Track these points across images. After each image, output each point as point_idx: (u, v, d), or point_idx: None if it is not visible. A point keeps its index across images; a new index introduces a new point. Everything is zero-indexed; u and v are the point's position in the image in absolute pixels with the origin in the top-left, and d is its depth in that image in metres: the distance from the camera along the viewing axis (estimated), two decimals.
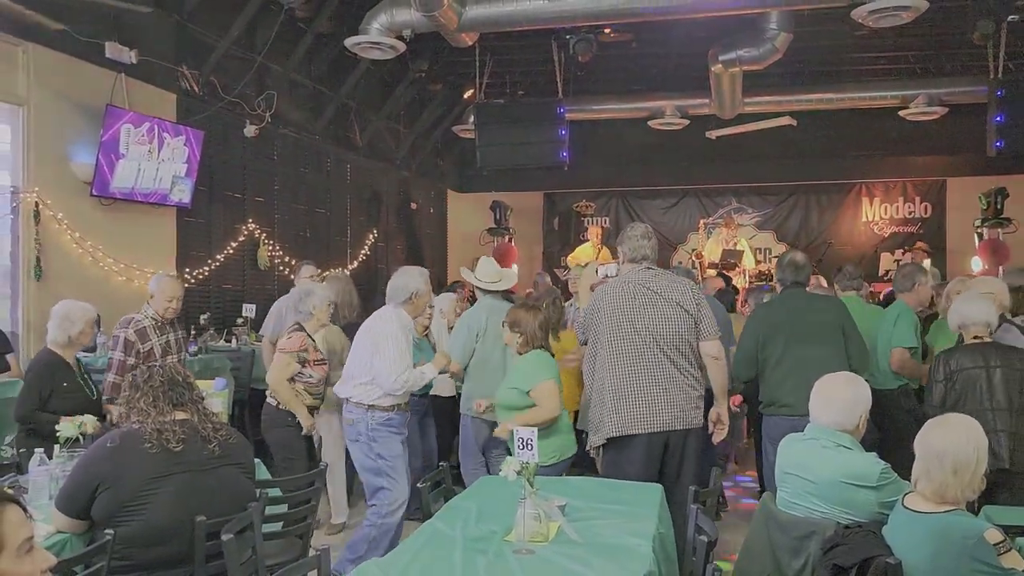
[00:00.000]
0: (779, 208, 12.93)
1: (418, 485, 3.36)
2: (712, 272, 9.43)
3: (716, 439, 4.07)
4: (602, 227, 12.56)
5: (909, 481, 2.64)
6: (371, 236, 10.67)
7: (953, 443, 2.51)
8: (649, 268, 3.96)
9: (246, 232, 8.10)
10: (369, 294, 8.29)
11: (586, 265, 6.41)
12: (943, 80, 9.68)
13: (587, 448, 4.03)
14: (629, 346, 3.81)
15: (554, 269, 12.68)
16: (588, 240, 12.02)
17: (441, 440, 5.59)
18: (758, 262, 11.43)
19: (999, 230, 10.36)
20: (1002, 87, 8.14)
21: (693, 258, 11.02)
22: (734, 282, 9.45)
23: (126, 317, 4.55)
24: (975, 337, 4.02)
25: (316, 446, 4.88)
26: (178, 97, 7.09)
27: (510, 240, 12.19)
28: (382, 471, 4.18)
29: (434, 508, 3.25)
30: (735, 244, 11.54)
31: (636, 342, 3.81)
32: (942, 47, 9.55)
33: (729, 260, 10.80)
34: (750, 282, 9.86)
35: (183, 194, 6.92)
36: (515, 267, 12.20)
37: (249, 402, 6.13)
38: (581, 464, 4.51)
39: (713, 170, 12.50)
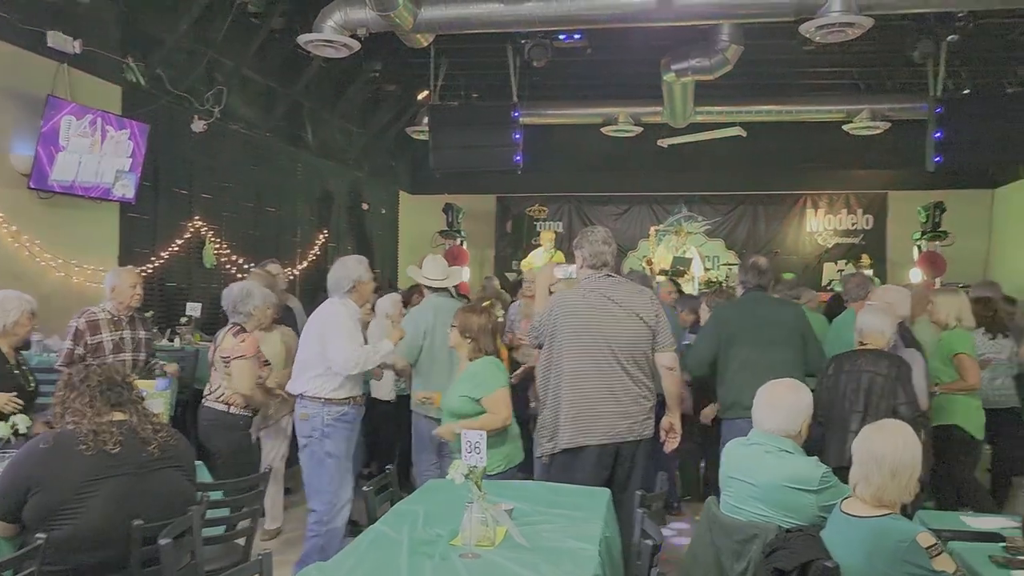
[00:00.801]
0: (728, 217, 13.16)
1: (363, 488, 3.32)
2: (663, 278, 9.54)
3: (668, 448, 4.05)
4: (555, 231, 12.67)
5: (848, 484, 2.70)
6: (321, 236, 10.54)
7: (891, 448, 2.57)
8: (609, 276, 3.93)
9: (192, 229, 7.93)
10: (318, 294, 8.16)
11: (542, 266, 6.41)
12: (886, 96, 9.98)
13: (537, 455, 4.01)
14: (586, 355, 3.78)
15: (505, 272, 12.71)
16: (541, 245, 12.09)
17: (384, 444, 5.54)
18: (707, 269, 11.62)
19: (937, 243, 10.72)
20: (941, 104, 8.41)
21: (644, 264, 11.15)
22: (682, 288, 9.59)
23: (83, 309, 4.56)
24: (861, 343, 4.17)
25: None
26: (123, 89, 6.91)
27: (462, 243, 12.17)
28: (328, 471, 4.10)
29: (379, 512, 3.22)
30: (685, 251, 11.72)
31: (593, 352, 3.77)
32: (885, 64, 9.84)
33: (679, 267, 10.95)
34: (699, 289, 10.01)
35: (126, 189, 6.74)
36: (466, 269, 12.22)
37: (192, 403, 5.99)
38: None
39: (664, 178, 12.67)
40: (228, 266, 8.35)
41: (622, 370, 3.78)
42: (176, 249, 7.67)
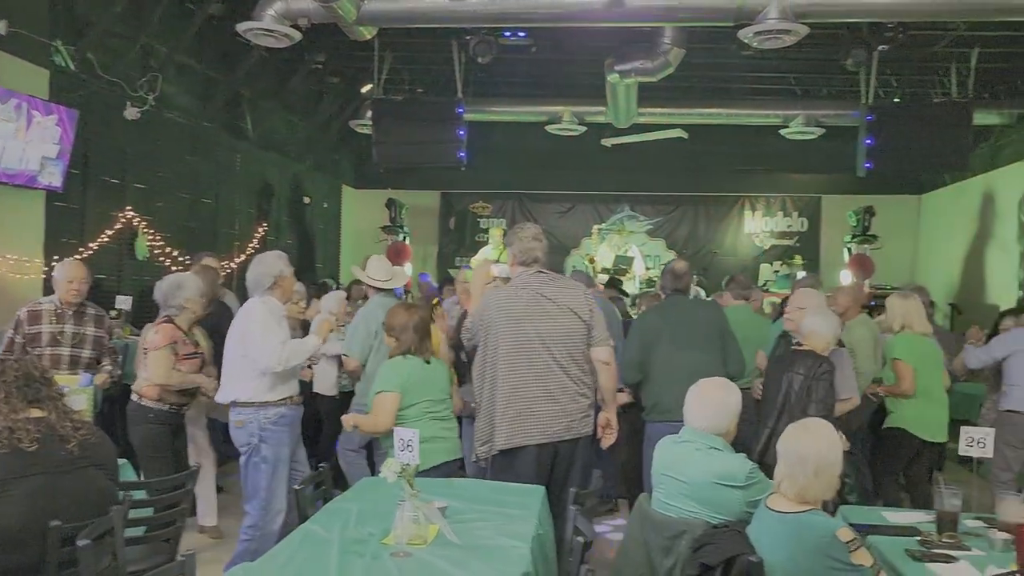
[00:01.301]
0: (670, 217, 13.36)
1: (295, 487, 3.28)
2: (604, 277, 9.64)
3: (605, 444, 4.05)
4: (502, 229, 12.69)
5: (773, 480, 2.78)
6: (261, 229, 10.35)
7: (815, 447, 2.65)
8: (541, 272, 3.90)
9: (124, 220, 7.69)
10: None
11: (479, 264, 6.39)
12: (820, 103, 10.25)
13: (473, 459, 3.98)
14: (521, 354, 3.75)
15: (448, 269, 12.68)
16: (488, 243, 12.10)
17: (327, 441, 5.48)
18: (648, 268, 11.78)
19: (866, 246, 11.07)
20: (872, 112, 8.68)
21: (587, 263, 11.25)
22: (624, 287, 9.71)
23: (33, 300, 4.59)
24: (798, 344, 4.30)
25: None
26: (51, 73, 6.65)
27: (405, 239, 12.09)
28: (263, 475, 3.99)
29: (312, 511, 3.18)
30: (627, 250, 11.86)
31: (528, 350, 3.75)
32: (821, 72, 10.10)
33: (620, 266, 11.09)
34: (640, 288, 10.15)
35: (53, 177, 6.51)
36: (409, 266, 12.14)
37: (121, 399, 5.82)
38: None
39: (607, 177, 12.79)
40: (162, 258, 8.13)
41: (558, 367, 3.76)
42: (106, 240, 7.43)
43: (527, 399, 3.73)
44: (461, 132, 9.35)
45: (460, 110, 9.34)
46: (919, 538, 2.98)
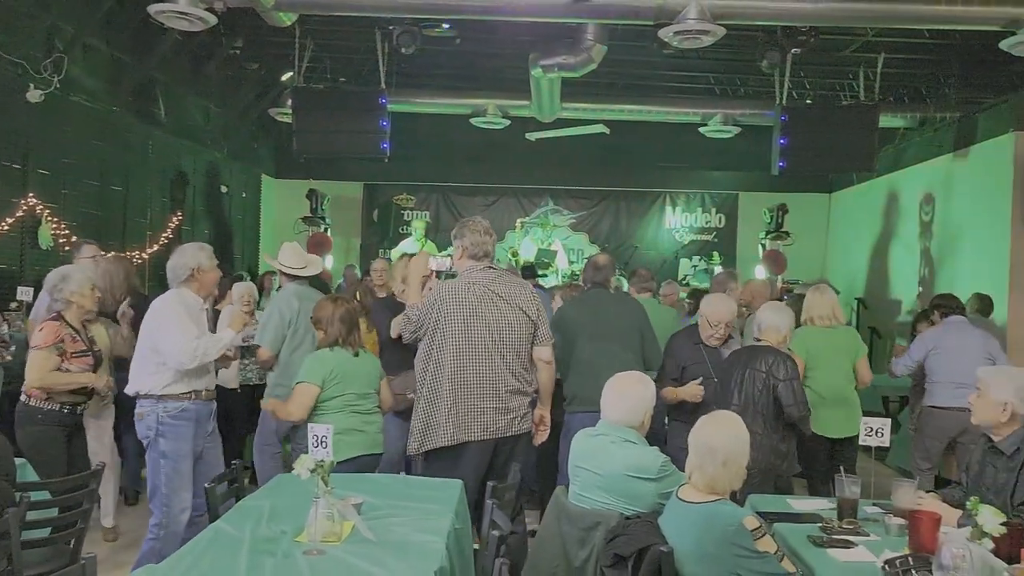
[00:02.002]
0: (592, 211, 13.52)
1: (205, 485, 3.20)
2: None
3: (538, 440, 4.07)
4: (425, 221, 12.62)
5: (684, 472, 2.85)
6: (175, 219, 10.01)
7: (724, 438, 2.73)
8: (491, 268, 3.91)
9: (26, 207, 7.32)
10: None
11: (411, 255, 6.32)
12: (737, 102, 10.52)
13: (408, 452, 3.92)
14: (470, 350, 3.74)
15: (371, 261, 12.52)
16: (411, 234, 12.01)
17: (232, 436, 5.35)
18: (571, 262, 11.91)
19: (779, 242, 11.44)
20: (786, 113, 8.96)
21: (511, 256, 11.29)
22: (547, 280, 9.81)
23: None
24: (757, 339, 4.43)
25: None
26: None
27: (326, 230, 11.90)
28: (164, 472, 3.86)
29: (223, 509, 3.11)
30: (550, 244, 11.97)
31: (478, 346, 3.75)
32: (738, 72, 10.38)
33: (543, 259, 11.18)
34: (563, 281, 10.25)
35: None
36: (331, 258, 11.96)
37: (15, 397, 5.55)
38: None
39: (531, 171, 12.86)
40: (68, 248, 7.78)
41: (504, 364, 3.78)
42: (7, 228, 7.06)
43: (474, 396, 3.74)
44: (384, 123, 9.23)
45: (383, 101, 9.22)
46: (821, 524, 3.11)
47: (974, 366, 5.10)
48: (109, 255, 7.36)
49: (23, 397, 4.07)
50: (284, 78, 10.51)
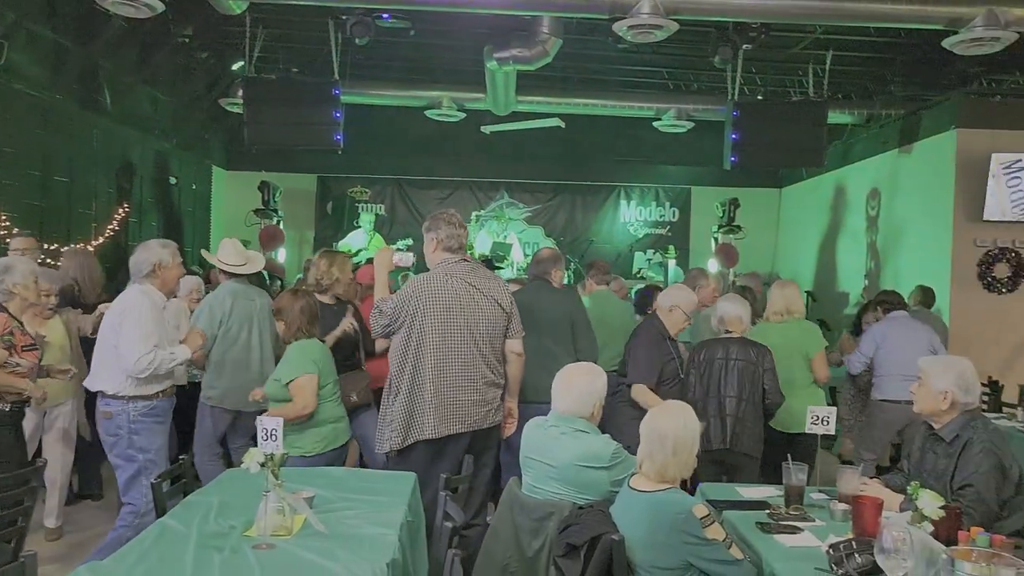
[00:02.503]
0: (548, 205, 13.54)
1: (151, 482, 3.14)
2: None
3: (506, 433, 4.07)
4: (376, 214, 12.52)
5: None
6: (122, 210, 9.76)
7: (674, 427, 2.77)
8: (464, 261, 3.91)
9: None
10: (116, 273, 7.58)
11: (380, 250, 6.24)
12: (691, 97, 10.62)
13: (384, 449, 3.82)
14: (450, 343, 3.74)
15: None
16: (360, 227, 11.89)
17: (180, 431, 5.25)
18: (527, 255, 11.92)
19: (731, 236, 11.62)
20: (737, 108, 9.08)
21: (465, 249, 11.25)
22: (501, 273, 9.80)
23: None
24: (726, 331, 4.50)
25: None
26: None
27: (279, 223, 11.73)
28: (143, 468, 3.86)
29: (170, 506, 3.05)
30: (505, 237, 11.97)
31: (457, 339, 3.76)
32: (690, 67, 10.48)
33: (499, 252, 11.17)
34: (518, 275, 10.26)
35: None
36: (284, 251, 11.81)
37: None
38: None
39: (487, 164, 12.84)
40: (8, 240, 7.54)
41: (480, 357, 3.80)
42: None
43: (455, 388, 3.75)
44: (338, 114, 9.12)
45: (336, 92, 9.11)
46: (768, 511, 3.18)
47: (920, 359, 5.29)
48: (78, 247, 7.20)
49: None
50: (235, 67, 10.31)
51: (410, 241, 11.98)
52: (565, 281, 9.37)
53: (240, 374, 4.64)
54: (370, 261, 7.19)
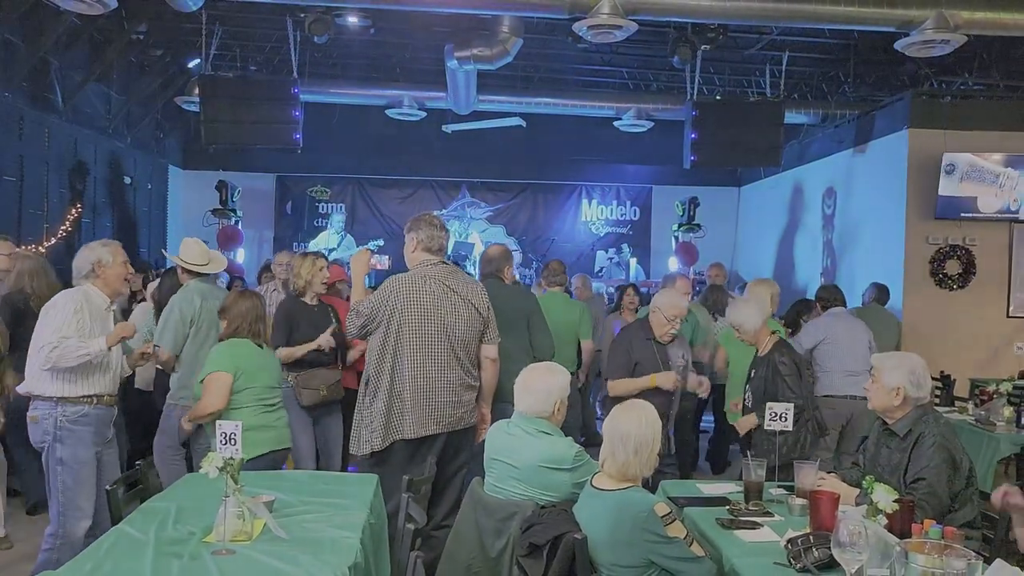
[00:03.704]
0: (510, 204, 13.55)
1: (107, 487, 3.07)
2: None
3: (479, 437, 4.02)
4: (342, 213, 12.44)
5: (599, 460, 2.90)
6: (74, 211, 9.54)
7: (635, 426, 2.78)
8: (444, 263, 3.91)
9: None
10: (68, 274, 7.36)
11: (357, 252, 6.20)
12: (650, 96, 10.71)
13: (363, 452, 3.77)
14: (427, 345, 3.75)
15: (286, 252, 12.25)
16: (328, 227, 11.79)
17: (143, 437, 5.17)
18: None
19: (691, 234, 11.75)
20: (696, 108, 9.18)
21: None
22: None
23: None
24: (772, 333, 4.52)
25: None
26: None
27: (237, 223, 11.57)
28: (61, 478, 3.67)
29: (127, 511, 2.99)
30: (467, 236, 11.96)
31: (434, 340, 3.76)
32: (650, 67, 10.58)
33: (461, 252, 11.17)
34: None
35: None
36: (243, 251, 11.65)
37: None
38: None
39: (448, 163, 12.82)
40: None
41: (455, 359, 3.80)
42: None
43: (433, 389, 3.75)
44: (297, 113, 9.03)
45: (296, 90, 9.02)
46: (728, 507, 3.21)
47: (862, 354, 5.41)
48: (30, 250, 6.98)
49: None
50: (191, 65, 10.15)
51: (381, 242, 11.93)
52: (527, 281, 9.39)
53: None
54: (336, 262, 7.15)
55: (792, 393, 4.17)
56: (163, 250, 4.97)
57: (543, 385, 3.17)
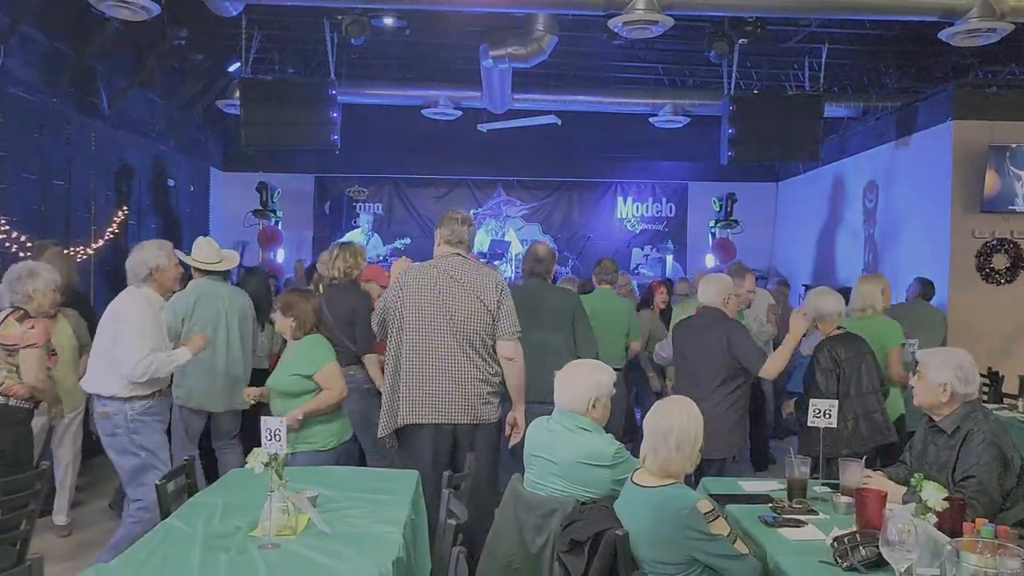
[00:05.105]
0: (545, 202, 13.54)
1: (156, 483, 3.14)
2: None
3: (512, 442, 4.02)
4: (374, 214, 12.53)
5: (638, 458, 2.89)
6: (121, 213, 9.75)
7: (677, 422, 2.77)
8: (459, 255, 3.93)
9: None
10: (117, 276, 7.57)
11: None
12: (686, 92, 10.62)
13: (382, 434, 3.91)
14: (425, 333, 3.79)
15: (323, 253, 12.39)
16: (359, 227, 11.89)
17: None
18: None
19: (728, 231, 11.63)
20: (733, 103, 9.08)
21: None
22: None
23: None
24: (838, 328, 4.48)
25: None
26: None
27: (277, 223, 11.74)
28: (146, 464, 3.90)
29: (176, 507, 3.05)
30: (504, 235, 11.98)
31: (432, 330, 3.79)
32: (686, 63, 10.48)
33: (497, 250, 11.19)
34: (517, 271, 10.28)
35: None
36: (282, 251, 11.82)
37: None
38: None
39: (483, 162, 12.84)
40: (8, 244, 7.53)
41: (460, 351, 3.80)
42: None
43: (428, 379, 3.78)
44: (335, 114, 9.14)
45: (333, 92, 9.12)
46: (771, 505, 3.18)
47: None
48: (57, 249, 7.17)
49: (1, 399, 3.89)
50: (231, 69, 10.31)
51: (408, 240, 12.02)
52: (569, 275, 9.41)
53: (203, 375, 4.66)
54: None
55: (819, 391, 4.23)
56: (178, 252, 5.06)
57: (579, 381, 3.15)
